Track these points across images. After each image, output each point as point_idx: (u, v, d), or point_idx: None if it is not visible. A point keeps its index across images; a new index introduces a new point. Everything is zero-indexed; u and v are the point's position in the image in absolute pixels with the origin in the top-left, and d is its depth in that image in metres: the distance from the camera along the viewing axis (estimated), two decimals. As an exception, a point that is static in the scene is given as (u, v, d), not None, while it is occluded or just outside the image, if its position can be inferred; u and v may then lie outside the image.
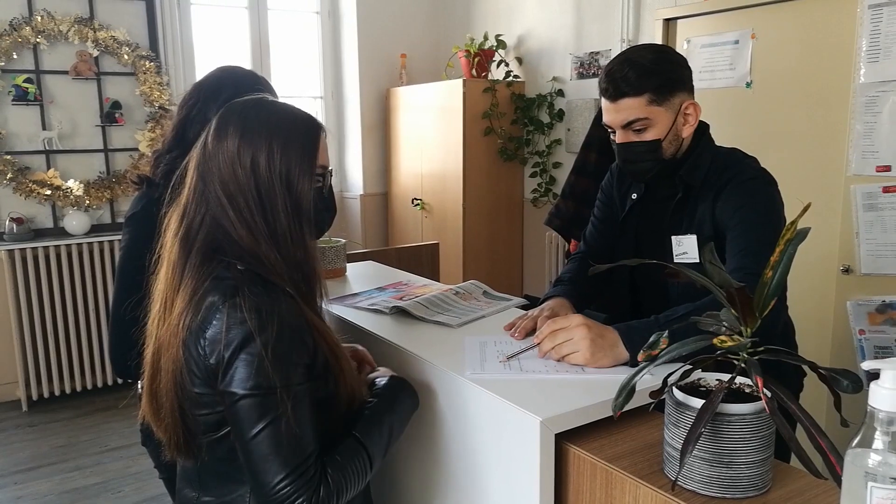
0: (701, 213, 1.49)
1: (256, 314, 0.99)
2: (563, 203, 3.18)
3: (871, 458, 0.69)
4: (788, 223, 0.87)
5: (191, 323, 1.02)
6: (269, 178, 1.07)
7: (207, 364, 1.01)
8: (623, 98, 1.44)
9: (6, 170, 3.75)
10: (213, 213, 1.07)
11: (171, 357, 1.05)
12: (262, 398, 0.98)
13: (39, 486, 3.01)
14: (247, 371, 0.98)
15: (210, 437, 1.08)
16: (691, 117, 1.49)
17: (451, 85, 4.18)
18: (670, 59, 1.49)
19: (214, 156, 1.08)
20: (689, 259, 1.50)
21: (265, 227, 1.07)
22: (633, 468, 0.97)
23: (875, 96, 2.41)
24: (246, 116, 1.10)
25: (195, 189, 1.09)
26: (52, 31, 3.79)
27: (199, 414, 1.06)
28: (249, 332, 0.98)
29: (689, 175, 1.51)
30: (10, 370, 3.83)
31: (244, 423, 0.99)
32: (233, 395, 0.99)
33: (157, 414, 1.11)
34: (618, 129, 1.48)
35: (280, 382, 0.99)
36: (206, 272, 1.05)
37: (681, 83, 1.47)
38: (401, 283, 1.95)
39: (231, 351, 0.99)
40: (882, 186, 2.43)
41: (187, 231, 1.08)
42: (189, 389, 1.05)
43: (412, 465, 1.41)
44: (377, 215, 4.94)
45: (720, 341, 0.89)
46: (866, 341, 2.49)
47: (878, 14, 2.37)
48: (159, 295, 1.11)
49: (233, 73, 1.64)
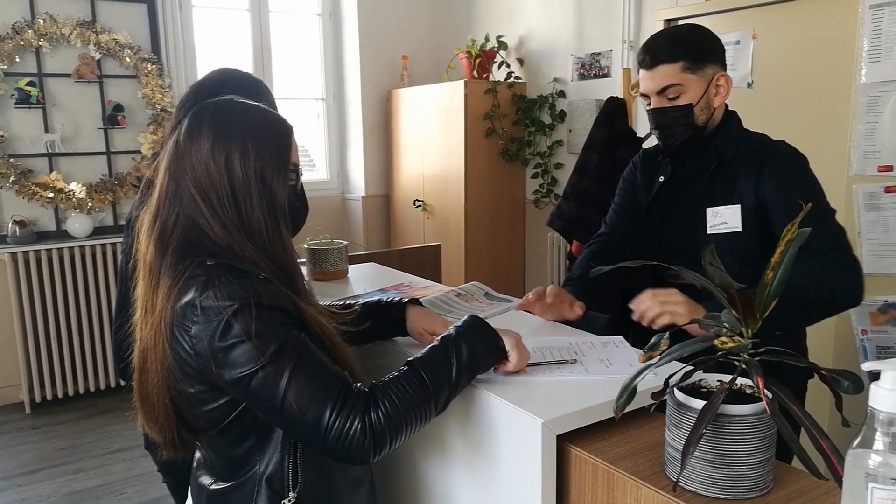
0: (742, 186, 1.54)
1: (230, 300, 1.00)
2: (564, 204, 3.18)
3: (871, 459, 0.69)
4: (789, 224, 0.87)
5: (172, 323, 1.03)
6: (244, 176, 1.08)
7: (198, 362, 1.02)
8: (659, 65, 1.54)
9: (9, 173, 3.76)
10: (187, 212, 1.07)
11: (158, 357, 1.06)
12: (268, 368, 0.99)
13: (42, 489, 3.01)
14: (241, 353, 0.99)
15: (216, 429, 1.10)
16: (723, 88, 1.57)
17: (452, 86, 4.18)
18: (704, 32, 1.59)
19: (187, 154, 1.08)
20: (727, 229, 1.55)
21: (238, 222, 1.07)
22: (635, 469, 0.97)
23: (877, 96, 2.41)
24: (219, 116, 1.11)
25: (167, 189, 1.09)
26: (55, 35, 3.80)
27: (203, 412, 1.07)
28: (229, 319, 0.99)
29: (723, 147, 1.58)
30: (13, 372, 3.84)
31: (266, 398, 1.00)
32: (240, 380, 1.00)
33: (149, 415, 1.12)
34: (653, 96, 1.58)
35: (276, 347, 1.00)
36: (180, 272, 1.05)
37: (713, 55, 1.56)
38: (402, 284, 1.95)
39: (218, 342, 0.99)
40: (884, 186, 2.42)
41: (161, 231, 1.08)
42: (185, 391, 1.06)
43: (415, 466, 1.41)
44: (379, 217, 4.94)
45: (721, 342, 0.89)
46: (868, 341, 2.49)
47: (879, 14, 2.37)
48: (139, 298, 1.11)
49: (232, 75, 1.64)
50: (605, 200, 3.34)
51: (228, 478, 1.14)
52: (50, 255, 3.79)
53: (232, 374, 1.00)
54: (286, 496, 1.11)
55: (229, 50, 4.53)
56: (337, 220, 4.99)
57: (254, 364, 0.99)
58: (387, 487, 1.53)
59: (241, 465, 1.12)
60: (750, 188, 1.53)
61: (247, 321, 0.99)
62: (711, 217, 1.57)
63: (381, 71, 4.76)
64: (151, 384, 1.09)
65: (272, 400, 1.00)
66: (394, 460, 1.49)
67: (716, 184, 1.58)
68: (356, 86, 4.76)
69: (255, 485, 1.11)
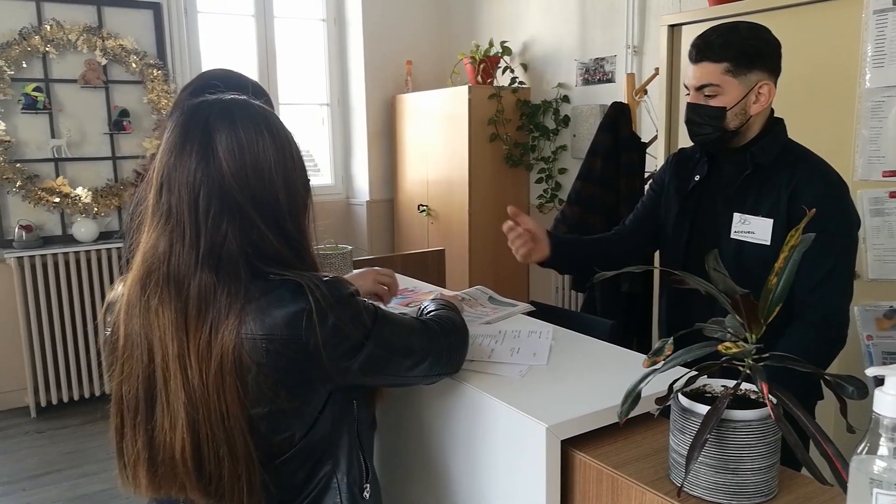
0: (773, 198, 1.52)
1: (338, 293, 1.00)
2: (568, 209, 3.18)
3: (876, 465, 0.69)
4: (793, 230, 0.87)
5: (254, 347, 0.94)
6: (295, 183, 1.04)
7: (306, 368, 0.98)
8: (703, 61, 1.52)
9: (15, 178, 3.78)
10: (237, 230, 0.97)
11: (227, 399, 0.95)
12: (375, 348, 1.04)
13: (47, 493, 3.02)
14: (348, 339, 1.00)
15: (290, 452, 1.03)
16: (763, 97, 1.53)
17: (456, 91, 4.19)
18: (762, 36, 1.54)
19: (235, 168, 0.97)
20: (754, 239, 1.54)
21: (298, 237, 1.05)
22: (639, 474, 0.97)
23: (881, 101, 2.41)
24: (256, 120, 1.01)
25: (206, 208, 0.96)
26: (61, 40, 3.83)
27: (288, 435, 1.02)
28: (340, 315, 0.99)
29: (761, 153, 1.55)
30: (18, 377, 3.85)
31: (381, 363, 1.06)
32: (352, 358, 1.01)
33: (203, 477, 0.98)
34: (692, 90, 1.56)
35: (373, 320, 1.05)
36: (244, 292, 0.96)
37: (763, 61, 1.52)
38: (407, 289, 1.96)
39: (353, 333, 1.01)
40: (889, 192, 2.42)
41: (210, 255, 0.96)
42: (275, 401, 0.97)
43: (418, 470, 1.41)
44: (383, 222, 4.95)
45: (725, 348, 0.89)
46: (874, 347, 2.48)
47: (882, 19, 2.37)
48: (175, 343, 0.96)
49: (224, 76, 1.54)
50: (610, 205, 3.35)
51: (307, 494, 1.08)
52: (56, 259, 3.80)
53: (346, 359, 1.01)
54: (364, 489, 1.14)
55: (234, 55, 4.55)
56: (341, 224, 4.99)
57: (362, 338, 1.02)
58: (390, 492, 1.53)
59: (310, 479, 1.08)
60: (783, 200, 1.51)
61: (358, 307, 1.03)
62: (738, 222, 1.56)
63: (386, 76, 4.77)
64: (215, 434, 0.96)
65: (396, 370, 1.09)
66: (396, 465, 1.49)
67: (749, 190, 1.56)
68: (360, 91, 4.77)
69: (336, 492, 1.09)
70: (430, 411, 1.34)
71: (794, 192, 1.49)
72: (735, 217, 1.56)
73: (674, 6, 3.35)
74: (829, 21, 2.60)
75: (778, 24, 2.81)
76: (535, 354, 1.37)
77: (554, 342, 1.44)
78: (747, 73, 1.50)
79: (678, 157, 1.78)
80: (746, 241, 1.54)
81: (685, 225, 1.69)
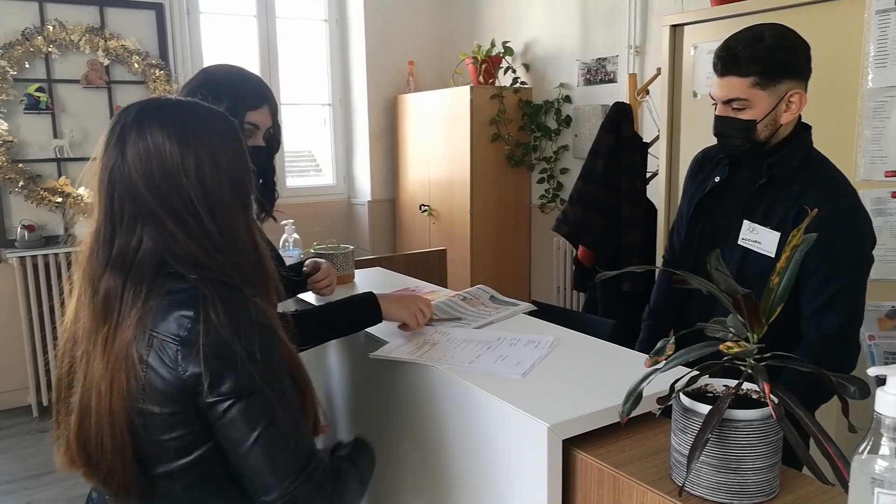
0: (784, 211, 1.50)
1: (230, 318, 0.95)
2: (570, 209, 3.18)
3: (878, 464, 0.69)
4: (794, 230, 0.87)
5: (151, 340, 0.96)
6: (218, 183, 1.00)
7: (183, 378, 0.95)
8: (729, 76, 1.48)
9: (18, 177, 3.78)
10: (154, 234, 0.98)
11: (115, 390, 0.97)
12: (253, 400, 0.95)
13: (49, 492, 3.02)
14: (233, 376, 0.95)
15: (180, 462, 1.00)
16: (794, 106, 1.49)
17: (458, 92, 4.19)
18: (790, 45, 1.49)
19: (142, 170, 0.97)
20: (759, 249, 1.51)
21: (221, 239, 1.00)
22: (641, 474, 0.98)
23: (883, 101, 2.40)
24: (171, 121, 1.00)
25: (119, 211, 0.98)
26: (64, 41, 3.83)
27: (168, 438, 0.99)
28: (228, 337, 0.94)
29: (779, 164, 1.52)
30: (20, 376, 3.86)
31: (240, 431, 0.96)
32: (222, 402, 0.95)
33: (89, 462, 1.01)
34: (719, 103, 1.53)
35: (266, 381, 0.96)
36: (155, 290, 0.97)
37: (791, 71, 1.48)
38: (408, 289, 1.96)
39: (214, 359, 0.94)
40: (891, 192, 2.42)
41: (121, 257, 0.98)
42: (155, 412, 0.97)
43: (419, 469, 1.41)
44: (385, 222, 4.95)
45: (727, 347, 0.90)
46: (876, 347, 2.48)
47: (885, 19, 2.37)
48: (83, 333, 1.01)
49: (227, 73, 1.56)
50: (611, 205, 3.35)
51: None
52: (58, 259, 3.81)
53: (215, 392, 0.94)
54: None
55: (236, 56, 4.56)
56: (343, 224, 5.00)
57: (240, 393, 0.95)
58: (387, 493, 1.53)
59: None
60: (791, 214, 1.49)
61: (245, 343, 0.95)
62: (747, 230, 1.55)
63: (388, 76, 4.77)
64: (100, 424, 0.98)
65: (242, 437, 0.96)
66: (394, 465, 1.49)
67: (762, 198, 1.54)
68: (362, 91, 4.78)
69: None
70: (429, 410, 1.34)
71: (805, 206, 1.45)
72: (745, 224, 1.55)
73: (676, 6, 3.35)
74: (832, 21, 2.60)
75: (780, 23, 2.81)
76: (519, 364, 1.31)
77: (549, 351, 1.41)
78: (777, 85, 1.46)
79: (702, 157, 1.77)
80: (751, 250, 1.53)
81: (698, 224, 1.69)
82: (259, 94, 1.50)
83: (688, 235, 1.72)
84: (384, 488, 1.57)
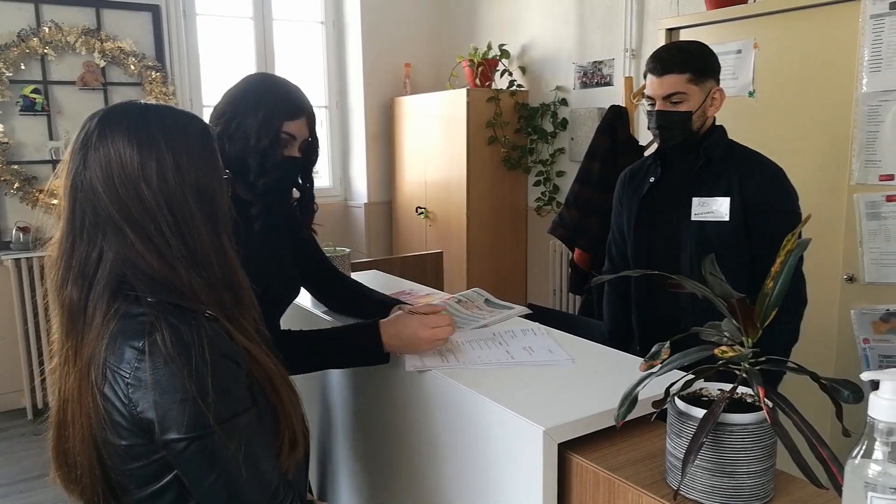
0: (727, 182, 1.77)
1: (180, 349, 0.88)
2: (566, 212, 3.19)
3: (871, 469, 0.69)
4: (788, 234, 0.87)
5: (104, 366, 0.91)
6: (181, 192, 0.94)
7: (135, 413, 0.89)
8: (668, 74, 1.76)
9: (13, 179, 3.78)
10: (114, 245, 0.93)
11: (83, 411, 0.93)
12: (208, 441, 0.89)
13: (45, 495, 3.01)
14: (184, 414, 0.88)
15: (149, 490, 0.95)
16: (717, 101, 1.80)
17: (454, 94, 4.20)
18: (708, 51, 1.83)
19: (103, 178, 0.93)
20: (714, 217, 1.77)
21: (184, 251, 0.95)
22: (636, 478, 0.98)
23: (877, 105, 2.41)
24: (134, 126, 0.95)
25: (81, 219, 0.94)
26: (60, 42, 3.83)
27: (132, 468, 0.94)
28: (178, 370, 0.87)
29: (712, 149, 1.80)
30: (15, 378, 3.84)
31: (196, 472, 0.91)
32: (175, 442, 0.89)
33: (69, 476, 0.99)
34: (658, 100, 1.79)
35: (223, 418, 0.90)
36: (112, 312, 0.92)
37: (713, 71, 1.81)
38: (404, 292, 1.96)
39: (161, 395, 0.88)
40: (885, 195, 2.43)
41: (82, 269, 0.94)
42: (115, 443, 0.92)
43: (415, 473, 1.41)
44: (381, 224, 4.95)
45: (721, 352, 0.90)
46: (871, 350, 2.49)
47: (879, 24, 2.38)
48: (57, 344, 0.98)
49: (267, 82, 1.54)
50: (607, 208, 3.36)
51: None
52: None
53: (166, 432, 0.88)
54: None
55: (233, 58, 4.55)
56: (339, 227, 5.00)
57: (193, 433, 0.88)
58: (383, 497, 1.53)
59: None
60: (735, 185, 1.75)
61: (196, 375, 0.88)
62: (697, 205, 1.79)
63: (384, 79, 4.78)
64: (74, 440, 0.95)
65: (198, 478, 0.91)
66: (391, 469, 1.49)
67: (704, 178, 1.80)
68: (359, 93, 4.78)
69: None
70: (423, 414, 1.34)
71: (744, 177, 1.75)
72: (694, 201, 1.79)
73: (672, 10, 3.36)
74: (827, 25, 2.61)
75: (776, 27, 2.83)
76: (551, 350, 1.40)
77: (555, 341, 1.44)
78: (704, 82, 1.77)
79: (628, 173, 2.01)
80: (707, 221, 1.77)
81: (645, 222, 1.90)
82: (297, 104, 1.48)
83: (636, 244, 1.91)
84: (379, 492, 1.56)
